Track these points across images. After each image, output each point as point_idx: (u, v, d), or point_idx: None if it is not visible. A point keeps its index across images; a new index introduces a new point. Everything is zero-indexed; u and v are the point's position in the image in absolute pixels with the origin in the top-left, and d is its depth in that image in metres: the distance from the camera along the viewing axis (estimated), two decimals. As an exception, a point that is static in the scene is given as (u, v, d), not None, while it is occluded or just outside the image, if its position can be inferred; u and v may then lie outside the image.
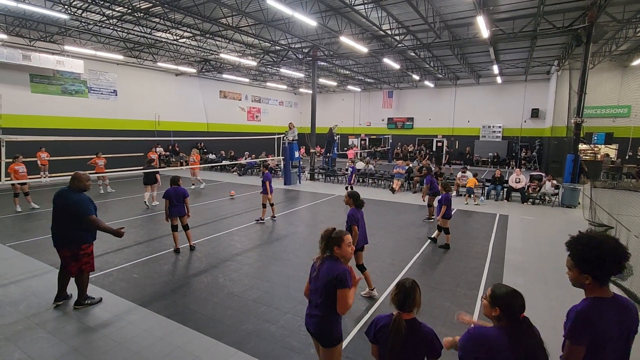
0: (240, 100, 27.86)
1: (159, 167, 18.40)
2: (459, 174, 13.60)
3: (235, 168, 19.49)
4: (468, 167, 16.56)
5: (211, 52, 17.58)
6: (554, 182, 12.18)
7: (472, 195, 12.17)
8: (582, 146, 12.96)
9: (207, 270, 5.92)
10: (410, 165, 16.32)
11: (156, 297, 4.88)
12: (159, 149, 20.59)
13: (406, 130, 29.33)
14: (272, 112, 30.93)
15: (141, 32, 14.21)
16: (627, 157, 17.79)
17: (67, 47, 15.70)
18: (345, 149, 27.00)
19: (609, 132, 18.69)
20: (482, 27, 11.24)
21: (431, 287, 5.34)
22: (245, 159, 19.08)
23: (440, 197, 7.30)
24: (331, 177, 17.11)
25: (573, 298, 5.29)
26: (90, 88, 17.88)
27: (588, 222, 9.43)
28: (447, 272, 6.01)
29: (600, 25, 11.36)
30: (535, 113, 23.69)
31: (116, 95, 19.00)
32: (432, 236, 7.56)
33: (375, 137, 30.82)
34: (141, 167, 16.85)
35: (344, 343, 3.64)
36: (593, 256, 1.80)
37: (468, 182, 12.67)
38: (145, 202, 10.84)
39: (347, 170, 12.69)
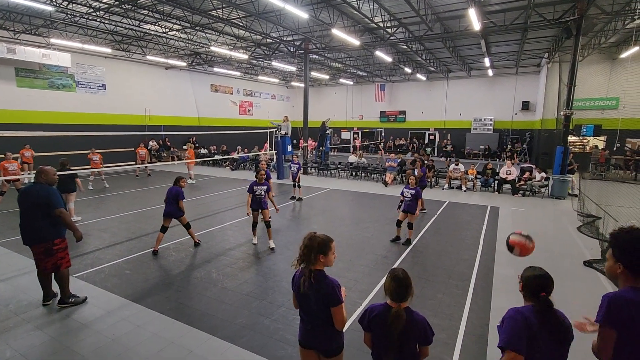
0: (231, 94, 27.59)
1: (150, 162, 18.28)
2: (452, 167, 13.72)
3: (227, 163, 19.38)
4: (460, 160, 16.69)
5: (201, 45, 17.31)
6: (543, 174, 12.36)
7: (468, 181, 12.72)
8: (571, 138, 13.13)
9: (200, 265, 5.91)
10: (403, 158, 16.39)
11: (149, 293, 4.86)
12: (152, 143, 20.36)
13: (399, 124, 29.40)
14: (264, 106, 30.71)
15: (129, 24, 13.91)
16: (614, 149, 18.09)
17: (53, 40, 15.32)
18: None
19: (597, 124, 18.95)
20: (474, 20, 11.25)
21: (424, 279, 5.40)
22: (238, 153, 18.95)
23: (414, 190, 6.90)
24: (324, 171, 17.11)
25: (563, 288, 5.38)
26: (78, 82, 17.52)
27: (577, 213, 9.60)
28: (439, 263, 6.08)
29: (590, 17, 11.45)
30: (525, 105, 23.91)
31: (105, 89, 18.66)
32: (407, 238, 7.10)
33: (368, 130, 30.85)
34: (132, 163, 16.77)
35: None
36: (626, 244, 1.85)
37: (469, 172, 13.34)
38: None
39: (290, 168, 11.41)
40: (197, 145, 22.81)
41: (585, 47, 16.49)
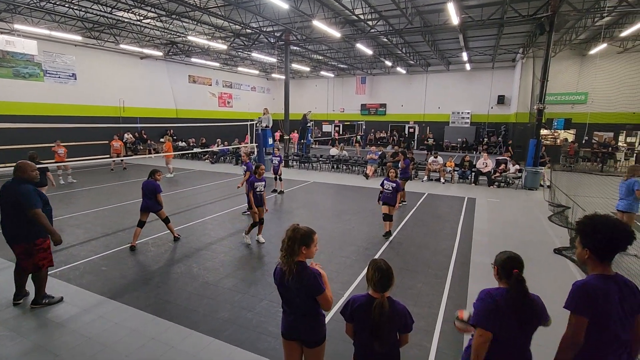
0: (210, 85, 26.97)
1: (126, 155, 17.68)
2: (431, 159, 13.99)
3: (207, 156, 19.02)
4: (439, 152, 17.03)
5: (178, 34, 16.79)
6: (517, 166, 12.81)
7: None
8: (543, 131, 13.63)
9: (180, 260, 5.81)
10: (384, 150, 16.57)
11: (127, 289, 4.75)
12: (127, 136, 19.68)
13: (379, 117, 29.63)
14: (244, 98, 30.23)
15: (100, 11, 13.29)
16: (583, 142, 18.95)
17: (17, 26, 14.43)
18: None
19: (567, 117, 19.76)
20: (452, 14, 11.41)
21: (404, 269, 5.52)
22: (218, 146, 18.63)
23: (395, 183, 6.92)
24: (305, 164, 17.09)
25: (534, 275, 5.61)
26: (46, 71, 16.65)
27: (548, 203, 10.03)
28: (418, 254, 6.23)
29: (562, 14, 11.83)
30: (501, 100, 24.60)
31: (75, 79, 17.82)
32: (388, 229, 7.10)
33: (349, 123, 30.95)
34: (107, 156, 16.16)
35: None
36: (590, 230, 1.93)
37: (447, 164, 13.65)
38: None
39: (271, 160, 11.28)
40: (175, 137, 22.24)
41: (557, 43, 17.06)
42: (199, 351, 3.48)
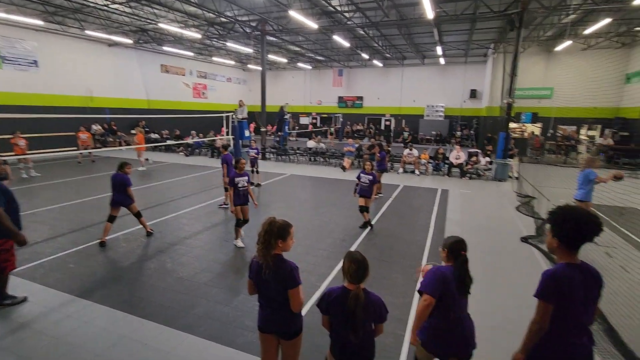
0: (184, 75, 26.10)
1: (95, 147, 16.90)
2: (406, 152, 14.26)
3: (181, 148, 18.50)
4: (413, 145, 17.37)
5: (149, 21, 16.08)
6: (488, 158, 13.28)
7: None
8: (512, 125, 14.16)
9: (154, 255, 5.67)
10: (361, 143, 16.71)
11: (97, 287, 4.59)
12: (96, 127, 18.80)
13: (356, 109, 29.78)
14: (220, 89, 29.50)
15: (63, -6, 12.51)
16: (548, 135, 19.86)
17: (-32, 8, 13.38)
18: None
19: (534, 112, 20.62)
20: (427, 8, 11.54)
21: (380, 260, 5.64)
22: (192, 138, 18.15)
23: (371, 176, 7.01)
24: (283, 156, 16.98)
25: (502, 262, 5.86)
26: (4, 57, 15.56)
27: (516, 194, 10.48)
28: (394, 245, 6.37)
29: (531, 11, 12.24)
30: (473, 94, 25.30)
31: (37, 66, 16.75)
32: (365, 221, 7.24)
33: (326, 115, 30.92)
34: (74, 148, 15.37)
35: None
36: (560, 220, 2.02)
37: (421, 156, 13.95)
38: None
39: (248, 153, 10.99)
40: (147, 129, 21.46)
41: (526, 39, 17.65)
42: (173, 348, 3.43)
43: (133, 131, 17.51)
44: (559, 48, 18.28)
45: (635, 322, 3.84)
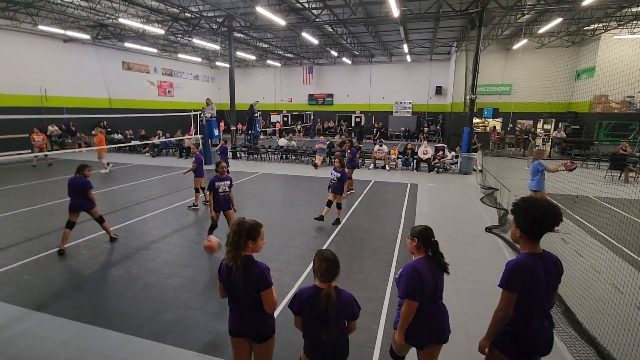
0: (148, 73, 25.06)
1: (51, 150, 15.86)
2: (376, 148, 14.49)
3: (147, 148, 17.77)
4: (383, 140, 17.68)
5: (107, 15, 15.26)
6: (454, 152, 13.77)
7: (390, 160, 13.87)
8: (475, 120, 14.75)
9: (118, 262, 5.41)
10: (332, 140, 16.80)
11: (56, 299, 4.32)
12: (52, 128, 17.64)
13: (327, 107, 29.89)
14: (187, 87, 28.58)
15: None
16: (508, 129, 20.89)
17: None
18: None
19: (495, 107, 21.61)
20: (393, 6, 11.74)
21: (352, 255, 5.70)
22: (159, 138, 17.47)
23: (340, 173, 7.04)
24: (254, 155, 16.75)
25: (469, 252, 6.08)
26: (-58, 54, 14.23)
27: (480, 186, 10.94)
28: (365, 240, 6.46)
29: (490, 10, 12.78)
30: (439, 90, 26.12)
31: (-19, 63, 15.47)
32: (337, 217, 7.31)
33: (297, 113, 30.82)
34: (28, 151, 14.33)
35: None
36: (522, 211, 2.10)
37: (391, 152, 14.25)
38: None
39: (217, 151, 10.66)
40: (109, 129, 20.44)
41: (486, 38, 18.43)
42: (141, 358, 3.29)
43: (93, 132, 16.61)
44: (516, 46, 19.24)
45: (589, 304, 4.13)
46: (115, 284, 4.71)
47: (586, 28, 16.79)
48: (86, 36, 18.03)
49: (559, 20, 14.10)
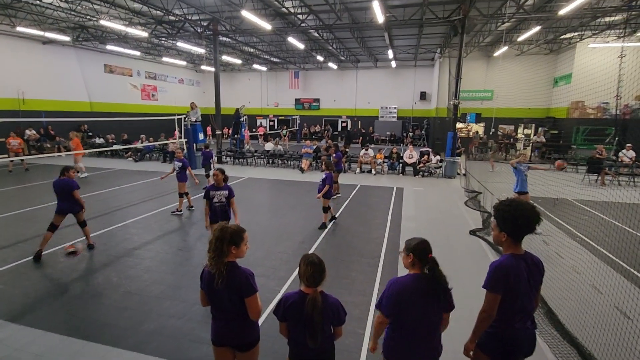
0: (131, 76, 24.58)
1: (29, 154, 15.32)
2: (362, 152, 14.58)
3: (130, 153, 17.39)
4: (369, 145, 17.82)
5: (88, 17, 14.92)
6: (438, 157, 13.99)
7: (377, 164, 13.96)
8: (458, 125, 15.03)
9: (97, 269, 5.24)
10: (318, 144, 16.81)
11: (31, 309, 4.14)
12: (30, 132, 17.07)
13: (313, 111, 29.96)
14: (171, 91, 28.16)
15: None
16: (491, 134, 21.37)
17: None
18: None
19: (478, 112, 22.10)
20: (378, 12, 11.90)
21: (339, 260, 5.68)
22: (142, 142, 17.12)
23: (325, 175, 7.10)
24: (240, 160, 16.60)
25: (453, 254, 6.14)
26: None
27: (464, 189, 11.12)
28: (352, 244, 6.45)
29: (471, 18, 13.11)
30: (423, 95, 26.56)
31: (-46, 65, 14.87)
32: (322, 222, 7.34)
33: (283, 118, 30.77)
34: (4, 156, 13.79)
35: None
36: (509, 216, 2.11)
37: (377, 156, 14.34)
38: None
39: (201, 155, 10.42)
40: (89, 133, 19.93)
41: (468, 44, 18.86)
42: (120, 368, 3.18)
43: (70, 136, 16.13)
44: (496, 53, 19.77)
45: (570, 304, 4.22)
46: (93, 293, 4.55)
47: (563, 36, 17.40)
48: (66, 38, 17.58)
49: (537, 28, 14.59)
